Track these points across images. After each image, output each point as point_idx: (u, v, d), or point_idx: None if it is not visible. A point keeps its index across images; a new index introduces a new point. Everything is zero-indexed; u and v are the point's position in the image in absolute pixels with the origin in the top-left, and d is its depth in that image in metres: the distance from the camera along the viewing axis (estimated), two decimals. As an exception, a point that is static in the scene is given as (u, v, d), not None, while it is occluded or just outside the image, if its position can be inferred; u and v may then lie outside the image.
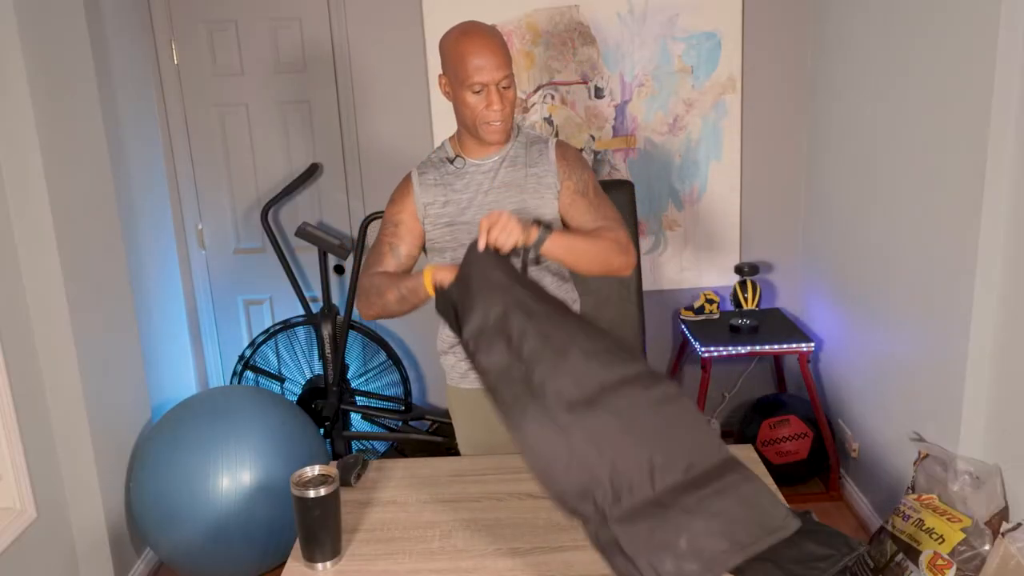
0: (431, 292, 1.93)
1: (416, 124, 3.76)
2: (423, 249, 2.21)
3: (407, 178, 2.20)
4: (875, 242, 3.09)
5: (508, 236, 1.82)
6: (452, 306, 1.83)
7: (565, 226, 2.18)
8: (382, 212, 3.60)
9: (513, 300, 1.75)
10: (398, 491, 2.00)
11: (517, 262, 1.91)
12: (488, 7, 3.60)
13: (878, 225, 3.06)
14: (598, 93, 3.70)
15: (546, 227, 1.92)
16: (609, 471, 1.57)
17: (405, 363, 4.02)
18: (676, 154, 3.76)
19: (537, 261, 2.13)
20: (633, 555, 1.51)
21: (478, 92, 2.01)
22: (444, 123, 3.73)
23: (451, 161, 2.17)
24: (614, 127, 3.73)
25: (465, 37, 2.00)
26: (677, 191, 3.80)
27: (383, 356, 3.97)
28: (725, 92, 3.69)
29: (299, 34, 3.68)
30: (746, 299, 3.62)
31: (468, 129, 2.10)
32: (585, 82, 3.68)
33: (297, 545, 1.76)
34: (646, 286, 3.89)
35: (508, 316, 1.73)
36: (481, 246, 1.83)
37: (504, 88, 2.03)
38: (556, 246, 1.93)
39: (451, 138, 2.21)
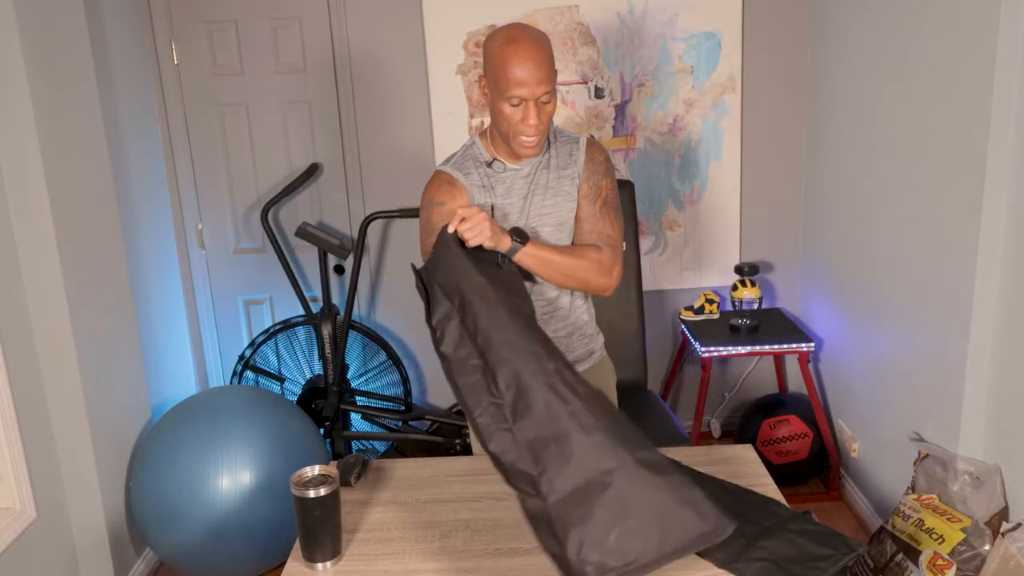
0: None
1: (416, 124, 3.75)
2: None
3: (449, 180, 2.10)
4: (875, 242, 3.09)
5: (475, 236, 1.87)
6: (423, 283, 1.88)
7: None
8: (383, 212, 3.61)
9: (473, 287, 1.80)
10: (398, 491, 2.00)
11: (489, 257, 1.94)
12: (488, 7, 3.60)
13: (878, 225, 3.05)
14: (598, 93, 3.70)
15: (520, 239, 1.95)
16: (553, 462, 1.61)
17: (405, 363, 4.01)
18: (676, 154, 3.76)
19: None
20: (563, 538, 1.56)
21: (516, 105, 1.95)
22: (444, 122, 3.73)
23: (488, 164, 2.11)
24: (614, 127, 3.73)
25: (511, 46, 1.91)
26: (677, 191, 3.80)
27: (383, 356, 3.97)
28: (725, 92, 3.69)
29: (299, 34, 3.68)
30: (740, 301, 3.62)
31: (502, 136, 2.03)
32: (585, 82, 3.68)
33: (297, 545, 1.75)
34: (646, 286, 3.89)
35: (466, 306, 1.79)
36: (451, 229, 1.88)
37: (543, 103, 1.96)
38: (529, 257, 1.96)
39: (482, 136, 2.14)
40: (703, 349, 3.47)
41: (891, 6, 2.89)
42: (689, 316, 3.74)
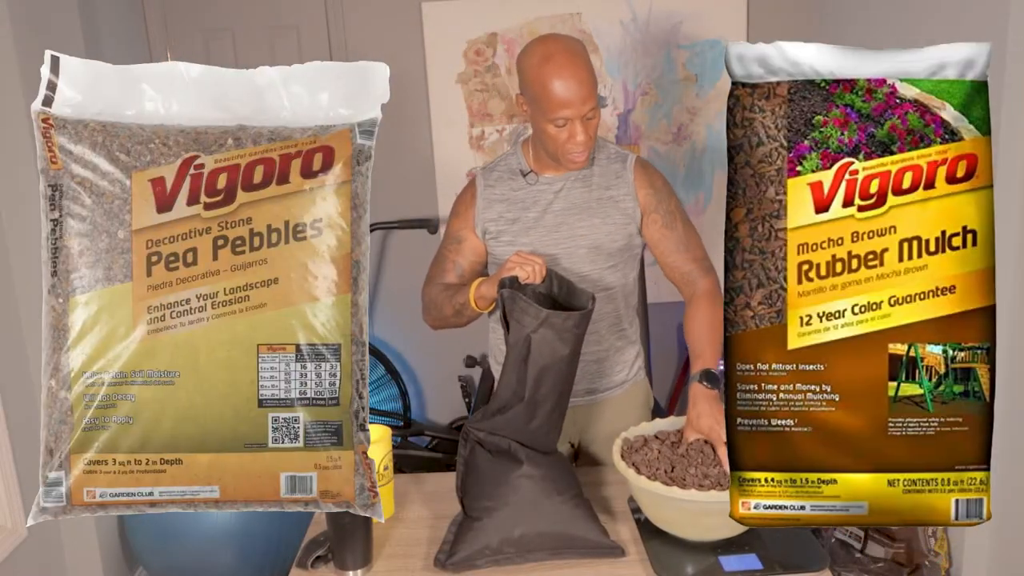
0: (476, 307, 1.93)
1: (416, 133, 3.71)
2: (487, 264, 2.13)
3: (471, 187, 2.07)
4: (884, 252, 3.04)
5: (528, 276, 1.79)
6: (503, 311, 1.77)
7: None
8: (381, 223, 3.56)
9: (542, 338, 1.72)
10: (399, 507, 1.95)
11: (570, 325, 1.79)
12: (489, 15, 3.56)
13: (887, 235, 3.01)
14: (601, 102, 3.65)
15: (713, 384, 1.85)
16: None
17: (404, 377, 3.95)
18: (680, 164, 3.71)
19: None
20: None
21: (561, 126, 1.87)
22: (444, 132, 3.68)
23: (524, 175, 2.05)
24: (617, 136, 3.68)
25: (548, 64, 1.82)
26: (682, 202, 3.74)
27: (381, 370, 3.91)
28: (729, 101, 3.64)
29: (296, 42, 3.63)
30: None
31: (549, 155, 1.97)
32: (587, 91, 3.63)
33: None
34: (650, 299, 3.82)
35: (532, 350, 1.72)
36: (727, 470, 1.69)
37: (588, 119, 1.88)
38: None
39: (524, 143, 2.07)
40: (709, 362, 3.41)
41: (897, 15, 2.86)
42: (694, 328, 3.68)
